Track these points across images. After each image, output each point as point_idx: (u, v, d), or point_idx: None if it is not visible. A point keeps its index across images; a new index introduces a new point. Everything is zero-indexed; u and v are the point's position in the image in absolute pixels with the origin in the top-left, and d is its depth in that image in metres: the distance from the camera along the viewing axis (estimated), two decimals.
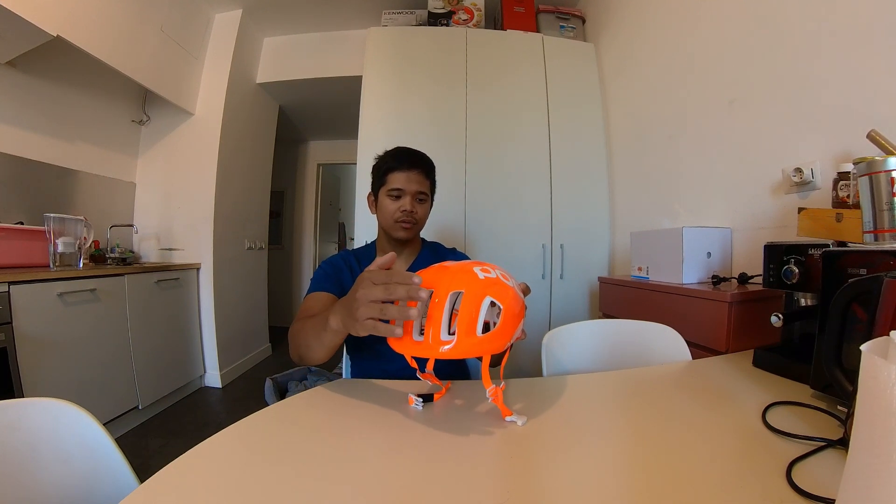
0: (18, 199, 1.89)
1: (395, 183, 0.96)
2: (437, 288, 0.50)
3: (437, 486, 0.40)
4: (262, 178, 3.20)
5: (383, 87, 2.09)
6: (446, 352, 0.48)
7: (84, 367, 1.69)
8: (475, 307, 0.49)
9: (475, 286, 0.50)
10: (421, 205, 0.99)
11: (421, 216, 0.99)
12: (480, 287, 0.50)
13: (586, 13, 2.40)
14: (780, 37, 1.18)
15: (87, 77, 2.19)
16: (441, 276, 0.52)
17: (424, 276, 0.52)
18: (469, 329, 0.48)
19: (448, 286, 0.50)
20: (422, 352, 0.50)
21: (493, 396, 0.53)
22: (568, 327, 0.92)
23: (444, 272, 0.52)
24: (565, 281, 2.09)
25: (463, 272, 0.52)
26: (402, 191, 0.95)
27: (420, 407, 0.58)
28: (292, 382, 1.09)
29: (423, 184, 0.98)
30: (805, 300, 0.76)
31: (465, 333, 0.48)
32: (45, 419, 0.51)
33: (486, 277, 0.51)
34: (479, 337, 0.49)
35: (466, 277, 0.51)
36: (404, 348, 0.51)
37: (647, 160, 1.86)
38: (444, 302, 0.49)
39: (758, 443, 0.47)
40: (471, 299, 0.49)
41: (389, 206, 0.96)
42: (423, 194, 0.99)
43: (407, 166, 0.96)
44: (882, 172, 0.57)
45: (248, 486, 0.40)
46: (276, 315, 3.69)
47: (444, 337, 0.49)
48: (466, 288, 0.50)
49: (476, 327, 0.49)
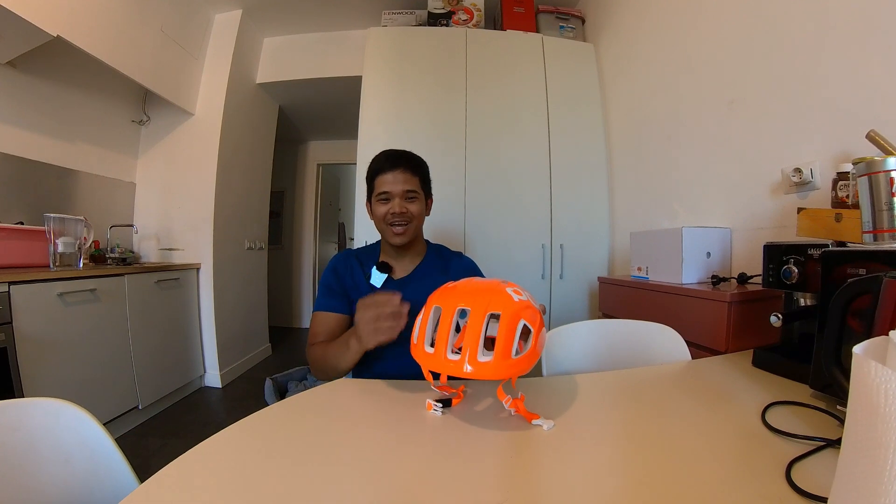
0: (18, 199, 1.89)
1: (381, 186, 0.94)
2: (473, 306, 0.51)
3: (436, 485, 0.40)
4: (262, 178, 3.20)
5: (383, 88, 2.09)
6: (481, 373, 0.49)
7: (84, 367, 1.69)
8: (512, 330, 0.50)
9: (511, 308, 0.51)
10: (412, 203, 0.95)
11: (414, 214, 0.96)
12: (516, 310, 0.51)
13: (586, 13, 2.40)
14: (780, 37, 1.18)
15: (87, 77, 2.19)
16: (475, 292, 0.53)
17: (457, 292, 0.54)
18: (505, 352, 0.49)
19: (485, 307, 0.51)
20: (455, 370, 0.50)
21: (514, 408, 0.54)
22: (568, 327, 0.92)
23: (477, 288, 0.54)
24: (565, 281, 2.09)
25: (498, 292, 0.53)
26: (389, 193, 0.94)
27: (439, 412, 0.57)
28: (292, 382, 1.09)
29: (410, 181, 0.95)
30: (804, 300, 0.76)
31: (501, 356, 0.49)
32: (45, 419, 0.51)
33: (520, 300, 0.52)
34: (514, 359, 0.49)
35: (502, 299, 0.52)
36: (436, 365, 0.51)
37: (646, 160, 1.86)
38: (482, 322, 0.50)
39: (757, 442, 0.47)
40: (508, 322, 0.50)
41: (380, 210, 0.95)
42: (413, 192, 0.95)
43: (390, 167, 0.94)
44: (881, 172, 0.57)
45: (248, 485, 0.40)
46: (276, 315, 3.69)
47: (480, 358, 0.49)
48: (504, 310, 0.51)
49: (511, 350, 0.49)
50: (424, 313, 0.57)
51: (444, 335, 0.51)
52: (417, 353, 0.55)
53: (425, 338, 0.55)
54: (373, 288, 0.96)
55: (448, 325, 0.52)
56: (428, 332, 0.55)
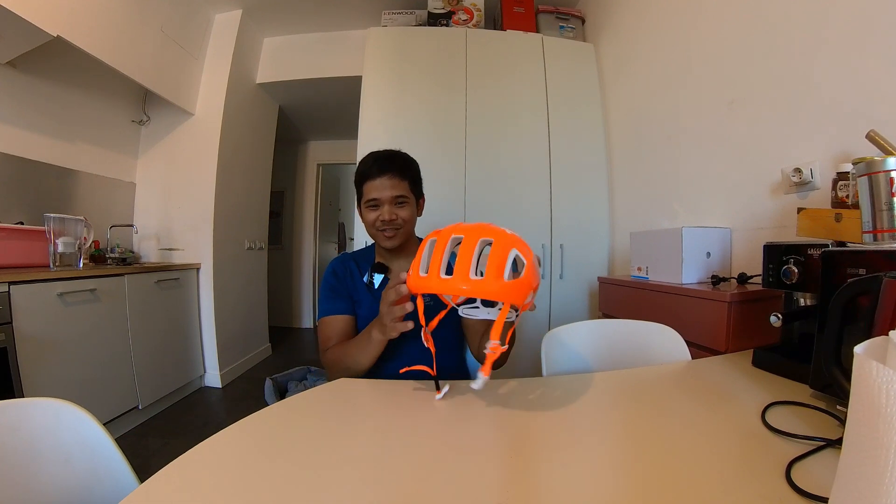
0: (18, 199, 1.89)
1: (370, 193, 0.92)
2: (466, 235, 0.54)
3: (437, 485, 0.40)
4: (262, 178, 3.20)
5: (383, 88, 2.09)
6: (471, 290, 0.51)
7: (84, 367, 1.69)
8: (503, 254, 0.52)
9: (504, 238, 0.53)
10: (402, 208, 0.93)
11: (405, 220, 0.94)
12: (509, 240, 0.53)
13: (586, 13, 2.40)
14: (780, 37, 1.18)
15: (87, 77, 2.19)
16: (469, 228, 0.55)
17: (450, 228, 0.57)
18: (497, 273, 0.51)
19: (478, 234, 0.54)
20: (447, 288, 0.52)
21: (493, 350, 0.53)
22: (567, 327, 0.92)
23: (471, 226, 0.56)
24: (565, 281, 2.09)
25: (491, 227, 0.55)
26: (378, 200, 0.92)
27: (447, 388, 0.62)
28: (292, 382, 1.09)
29: (398, 186, 0.92)
30: (804, 300, 0.76)
31: (493, 276, 0.51)
32: (46, 419, 0.51)
33: (513, 234, 0.55)
34: (506, 282, 0.51)
35: (495, 230, 0.55)
36: (431, 285, 0.54)
37: (646, 160, 1.86)
38: (474, 245, 0.52)
39: (757, 442, 0.47)
40: (500, 247, 0.52)
41: (369, 216, 0.94)
42: (402, 197, 0.93)
43: (378, 172, 0.91)
44: (881, 172, 0.57)
45: (248, 485, 0.40)
46: (276, 315, 3.69)
47: (472, 276, 0.51)
48: (496, 238, 0.53)
49: (504, 273, 0.51)
50: (420, 249, 0.59)
51: (438, 259, 0.54)
52: (413, 281, 0.57)
53: (420, 266, 0.57)
54: (371, 288, 0.96)
55: (442, 251, 0.55)
56: (423, 261, 0.57)
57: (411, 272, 0.58)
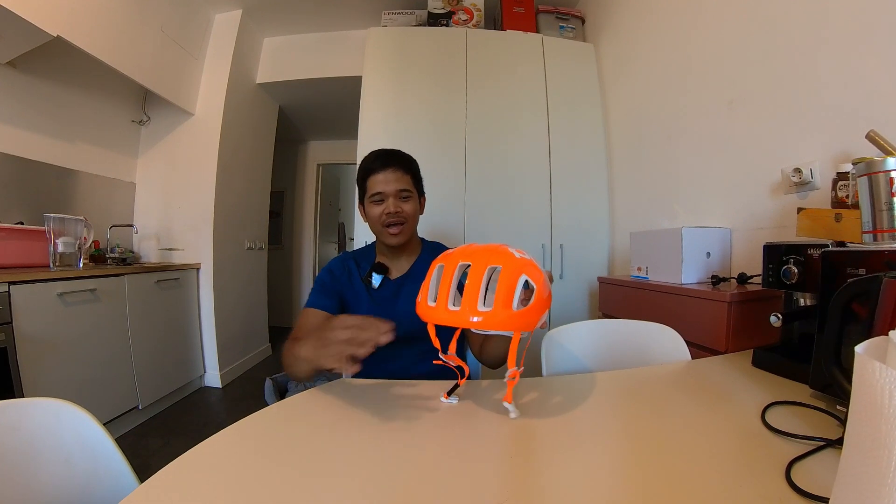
0: (18, 199, 1.89)
1: (374, 187, 0.93)
2: (474, 262, 0.52)
3: (437, 485, 0.40)
4: (262, 178, 3.20)
5: (383, 88, 2.09)
6: (480, 322, 0.49)
7: (84, 367, 1.69)
8: (513, 282, 0.50)
9: (512, 263, 0.51)
10: (406, 202, 0.95)
11: (409, 214, 0.95)
12: (517, 265, 0.51)
13: (586, 14, 2.40)
14: (780, 37, 1.18)
15: (87, 77, 2.19)
16: (478, 252, 0.53)
17: (460, 253, 0.55)
18: (506, 302, 0.49)
19: (486, 260, 0.52)
20: (456, 320, 0.51)
21: (512, 376, 0.53)
22: (567, 327, 0.92)
23: (480, 250, 0.54)
24: (565, 281, 2.09)
25: (499, 251, 0.53)
26: (382, 193, 0.93)
27: (455, 401, 0.60)
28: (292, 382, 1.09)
29: (402, 180, 0.94)
30: (804, 300, 0.76)
31: (502, 305, 0.49)
32: (45, 419, 0.51)
33: (522, 257, 0.53)
34: (515, 311, 0.50)
35: (503, 255, 0.53)
36: (440, 317, 0.52)
37: (646, 160, 1.86)
38: (482, 274, 0.51)
39: (757, 442, 0.47)
40: (509, 275, 0.50)
41: (374, 211, 0.94)
42: (406, 191, 0.95)
43: (381, 166, 0.93)
44: (881, 173, 0.57)
45: (249, 485, 0.40)
46: (276, 315, 3.69)
47: (480, 307, 0.50)
48: (504, 264, 0.51)
49: (512, 301, 0.50)
50: (428, 275, 0.58)
51: (446, 289, 0.52)
52: (421, 310, 0.56)
53: (428, 295, 0.56)
54: (370, 288, 0.96)
55: (450, 280, 0.53)
56: (431, 290, 0.56)
57: (420, 299, 0.57)
